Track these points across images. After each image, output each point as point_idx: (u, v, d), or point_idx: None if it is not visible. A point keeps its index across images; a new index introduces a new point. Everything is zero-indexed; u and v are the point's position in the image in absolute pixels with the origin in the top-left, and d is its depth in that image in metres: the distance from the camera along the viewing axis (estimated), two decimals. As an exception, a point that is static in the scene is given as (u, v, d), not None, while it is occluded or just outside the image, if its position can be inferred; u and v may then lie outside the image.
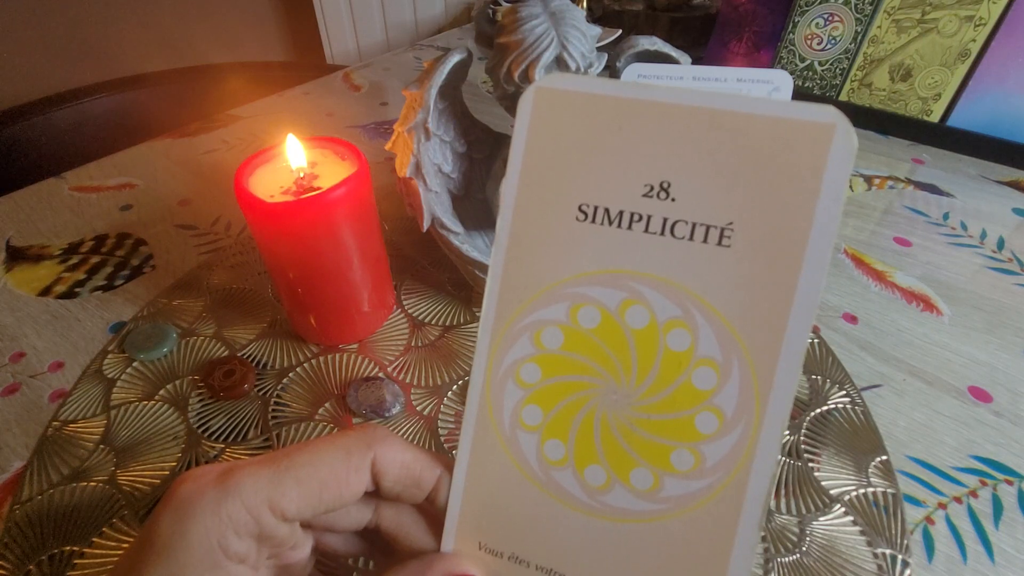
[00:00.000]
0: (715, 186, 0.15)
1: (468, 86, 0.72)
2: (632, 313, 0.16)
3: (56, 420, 0.32)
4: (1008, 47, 0.54)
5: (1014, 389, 0.34)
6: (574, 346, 0.16)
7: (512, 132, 0.16)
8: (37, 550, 0.26)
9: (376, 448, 0.17)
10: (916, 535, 0.27)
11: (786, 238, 0.14)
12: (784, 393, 0.14)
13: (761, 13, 0.66)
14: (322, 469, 0.16)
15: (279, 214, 0.29)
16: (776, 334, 0.14)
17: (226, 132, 0.64)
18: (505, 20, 0.30)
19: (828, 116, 0.13)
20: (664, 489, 0.16)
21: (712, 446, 0.15)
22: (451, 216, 0.34)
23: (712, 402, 0.15)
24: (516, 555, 0.17)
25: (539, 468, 0.17)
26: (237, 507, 0.15)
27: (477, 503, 0.17)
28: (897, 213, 0.50)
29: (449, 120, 0.34)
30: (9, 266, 0.44)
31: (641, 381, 0.16)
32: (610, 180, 0.15)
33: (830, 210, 0.14)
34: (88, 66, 0.88)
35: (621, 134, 0.15)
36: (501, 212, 0.16)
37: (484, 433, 0.17)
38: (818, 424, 0.32)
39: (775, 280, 0.14)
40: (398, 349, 0.36)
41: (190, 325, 0.38)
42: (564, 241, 0.16)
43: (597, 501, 0.16)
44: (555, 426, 0.17)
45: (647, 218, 0.15)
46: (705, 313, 0.15)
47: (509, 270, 0.17)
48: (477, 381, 0.17)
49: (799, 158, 0.14)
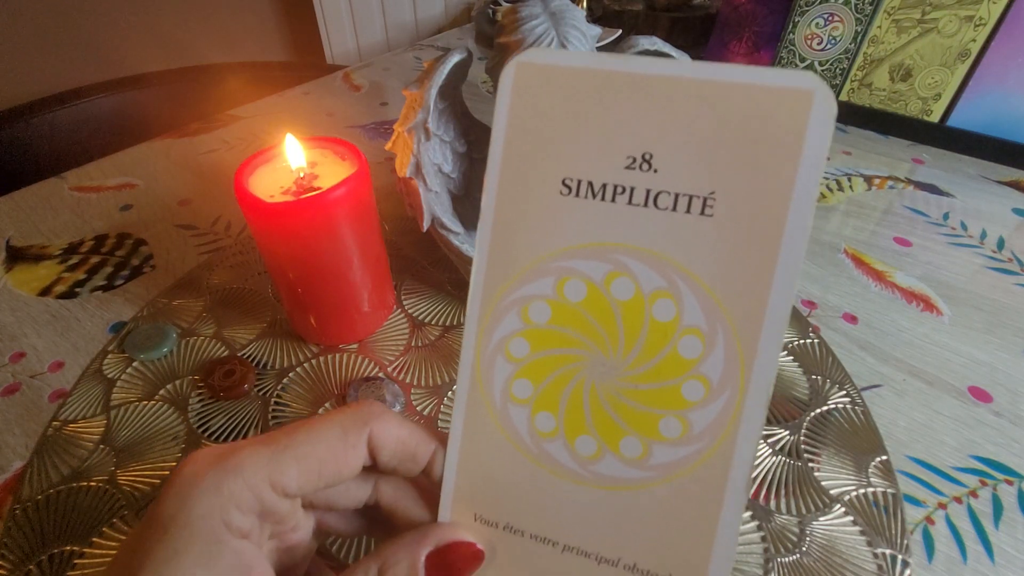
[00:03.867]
0: (696, 156, 0.15)
1: (468, 86, 0.72)
2: (617, 285, 0.16)
3: (56, 420, 0.32)
4: (1008, 47, 0.54)
5: (1014, 389, 0.34)
6: (561, 320, 0.16)
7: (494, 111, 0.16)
8: (37, 550, 0.26)
9: (372, 424, 0.17)
10: (916, 535, 0.27)
11: (767, 206, 0.14)
12: (768, 359, 0.14)
13: (761, 13, 0.66)
14: (320, 446, 0.16)
15: (279, 214, 0.29)
16: (759, 301, 0.14)
17: (226, 132, 0.64)
18: (505, 20, 0.30)
19: (807, 82, 0.13)
20: (653, 456, 0.16)
21: (699, 413, 0.15)
22: (451, 216, 0.34)
23: (698, 370, 0.15)
24: (510, 525, 0.17)
25: (531, 440, 0.17)
26: (239, 485, 0.15)
27: (471, 476, 0.18)
28: (897, 213, 0.50)
29: (449, 120, 0.34)
30: (9, 266, 0.44)
31: (628, 352, 0.16)
32: (592, 153, 0.15)
33: (810, 176, 0.14)
34: (88, 66, 0.88)
35: (602, 107, 0.15)
36: (485, 188, 0.16)
37: (476, 408, 0.17)
38: (818, 424, 0.32)
39: (757, 248, 0.14)
40: (398, 349, 0.36)
41: (190, 325, 0.38)
42: (548, 216, 0.16)
43: (588, 470, 0.16)
44: (545, 399, 0.17)
45: (630, 190, 0.15)
46: (689, 283, 0.15)
47: (495, 246, 0.17)
48: (468, 357, 0.18)
49: (779, 125, 0.14)
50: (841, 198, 0.52)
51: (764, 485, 0.29)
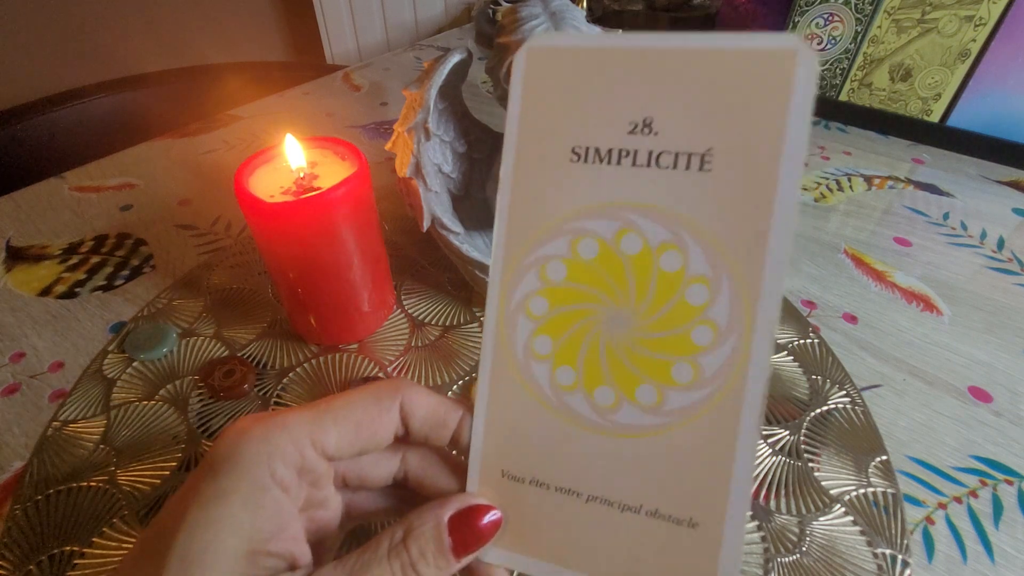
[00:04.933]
0: (693, 117, 0.16)
1: (468, 86, 0.72)
2: (627, 241, 0.17)
3: (56, 420, 0.32)
4: (1008, 47, 0.54)
5: (1014, 389, 0.34)
6: (577, 277, 0.17)
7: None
8: (37, 550, 0.26)
9: (403, 392, 0.18)
10: (916, 535, 0.27)
11: (761, 158, 0.15)
12: (771, 301, 0.15)
13: (761, 13, 0.66)
14: (356, 411, 0.18)
15: (279, 214, 0.29)
16: (759, 246, 0.15)
17: (226, 132, 0.64)
18: (505, 20, 0.30)
19: (790, 43, 0.15)
20: (668, 402, 0.17)
21: (709, 357, 0.16)
22: (451, 216, 0.34)
23: (706, 316, 0.16)
24: (536, 479, 0.18)
25: (552, 394, 0.18)
26: (284, 439, 0.16)
27: (498, 433, 0.19)
28: (897, 213, 0.50)
29: (449, 120, 0.34)
30: (9, 266, 0.44)
31: (640, 303, 0.17)
32: (598, 122, 0.17)
33: (799, 128, 0.15)
34: (88, 66, 0.88)
35: (604, 80, 0.17)
36: (503, 161, 0.18)
37: (501, 366, 0.18)
38: (818, 424, 0.32)
39: (754, 197, 0.15)
40: (398, 349, 0.36)
41: (190, 325, 0.38)
42: (561, 181, 0.17)
43: (608, 420, 0.17)
44: (564, 353, 0.18)
45: (634, 152, 0.16)
46: (693, 233, 0.16)
47: (513, 213, 0.18)
48: (491, 318, 0.18)
49: (766, 83, 0.15)
50: (841, 198, 0.52)
51: (764, 485, 0.29)
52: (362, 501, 0.21)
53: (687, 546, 0.16)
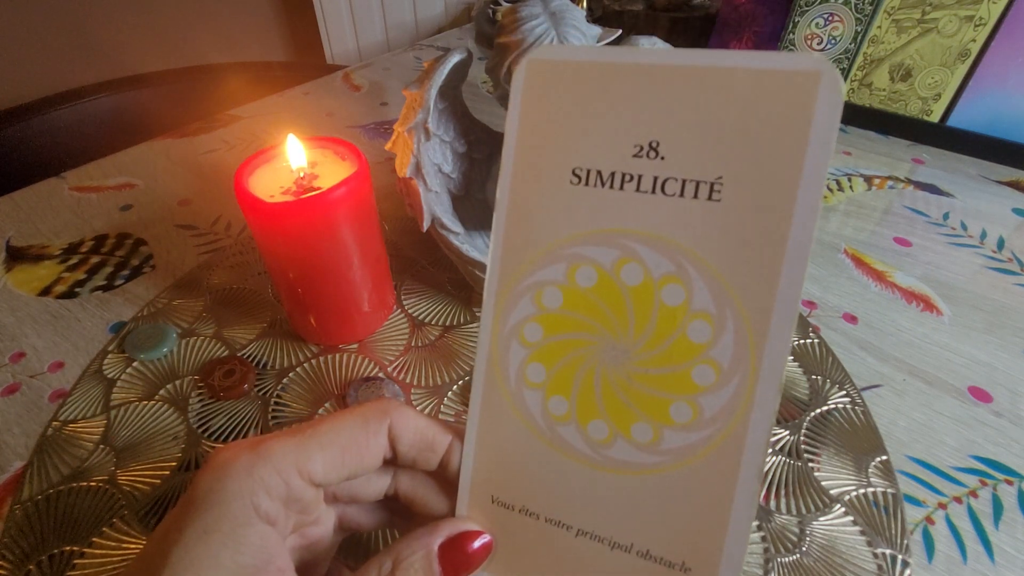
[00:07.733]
0: (703, 142, 0.15)
1: (468, 86, 0.72)
2: (627, 271, 0.16)
3: (56, 420, 0.32)
4: (1008, 47, 0.54)
5: (1014, 389, 0.34)
6: (573, 305, 0.17)
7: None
8: (37, 550, 0.26)
9: (392, 415, 0.18)
10: (916, 535, 0.27)
11: (776, 189, 0.14)
12: (780, 343, 0.14)
13: (761, 13, 0.66)
14: (343, 435, 0.17)
15: (279, 214, 0.29)
16: (769, 285, 0.14)
17: (226, 132, 0.64)
18: (505, 20, 0.30)
19: (813, 64, 0.13)
20: (664, 441, 0.16)
21: (709, 398, 0.15)
22: (451, 216, 0.34)
23: (708, 355, 0.15)
24: (526, 508, 0.18)
25: (544, 424, 0.17)
26: (268, 470, 0.16)
27: (489, 458, 0.18)
28: (897, 213, 0.50)
29: (449, 120, 0.34)
30: (9, 266, 0.44)
31: (638, 337, 0.16)
32: (601, 143, 0.16)
33: (819, 159, 0.13)
34: (88, 66, 0.88)
35: (609, 98, 0.16)
36: (500, 179, 0.17)
37: (492, 391, 0.18)
38: (818, 424, 0.32)
39: (766, 232, 0.14)
40: (398, 349, 0.36)
41: (190, 325, 0.38)
42: (560, 204, 0.16)
43: (600, 454, 0.17)
44: (558, 383, 0.17)
45: (638, 177, 0.15)
46: (698, 267, 0.15)
47: (509, 234, 0.17)
48: (484, 341, 0.18)
49: (785, 108, 0.14)
50: (841, 198, 0.52)
51: (764, 485, 0.29)
52: (354, 514, 0.20)
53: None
